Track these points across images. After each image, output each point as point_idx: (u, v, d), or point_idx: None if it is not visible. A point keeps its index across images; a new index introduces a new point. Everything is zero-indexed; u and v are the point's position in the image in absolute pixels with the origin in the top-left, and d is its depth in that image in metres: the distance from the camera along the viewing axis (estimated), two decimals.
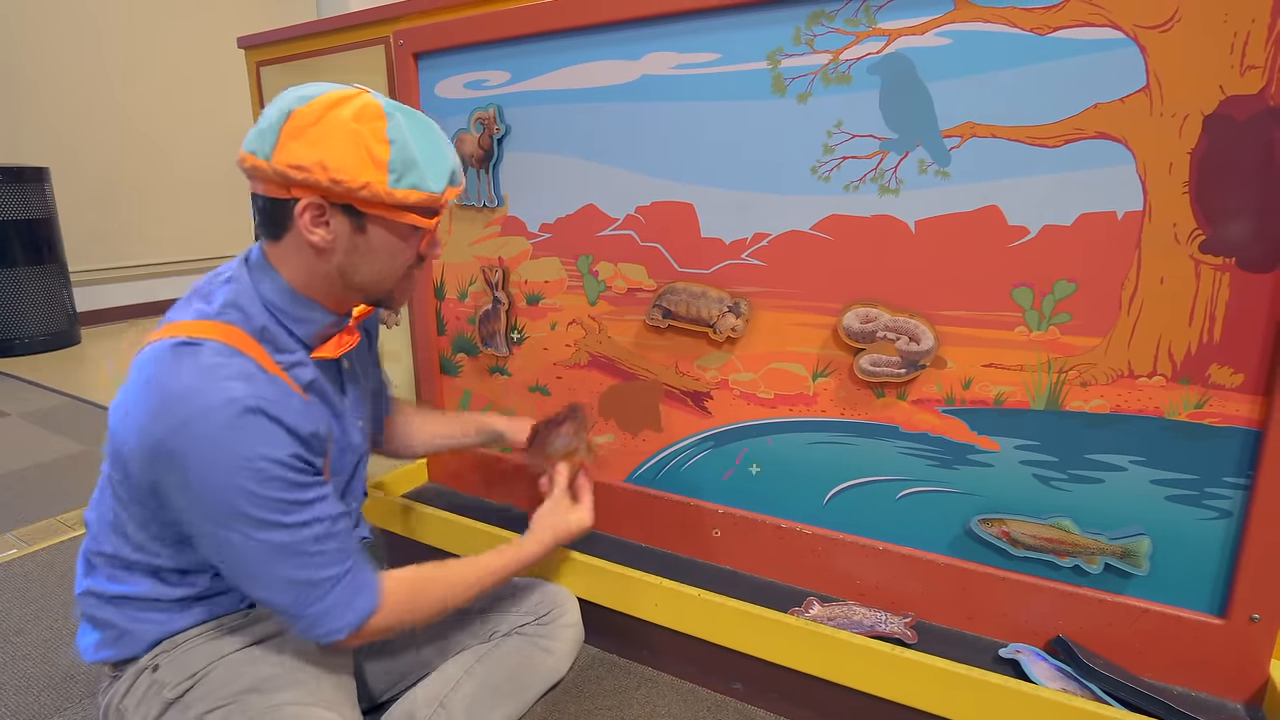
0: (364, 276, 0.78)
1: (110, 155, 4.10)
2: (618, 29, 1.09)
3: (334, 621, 0.75)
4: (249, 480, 0.68)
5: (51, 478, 2.01)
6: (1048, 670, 0.90)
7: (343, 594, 0.75)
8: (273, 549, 0.71)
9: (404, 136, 0.72)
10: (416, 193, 0.73)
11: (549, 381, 1.32)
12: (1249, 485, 0.83)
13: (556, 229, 1.24)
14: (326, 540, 0.74)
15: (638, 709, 1.09)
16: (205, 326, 0.72)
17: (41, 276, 3.42)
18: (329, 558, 0.74)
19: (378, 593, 0.78)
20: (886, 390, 1.01)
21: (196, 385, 0.68)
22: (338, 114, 0.71)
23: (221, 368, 0.69)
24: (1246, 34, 0.75)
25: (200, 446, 0.67)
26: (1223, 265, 0.80)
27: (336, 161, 0.70)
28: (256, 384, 0.70)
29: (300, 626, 0.75)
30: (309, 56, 1.53)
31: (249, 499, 0.68)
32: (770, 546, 1.14)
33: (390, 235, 0.76)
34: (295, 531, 0.71)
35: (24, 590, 1.43)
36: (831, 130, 0.97)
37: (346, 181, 0.70)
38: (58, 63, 3.83)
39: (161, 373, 0.69)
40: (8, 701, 1.12)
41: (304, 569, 0.72)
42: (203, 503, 0.69)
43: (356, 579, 0.76)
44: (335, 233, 0.74)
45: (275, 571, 0.72)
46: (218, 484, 0.68)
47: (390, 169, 0.71)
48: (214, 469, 0.67)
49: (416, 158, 0.73)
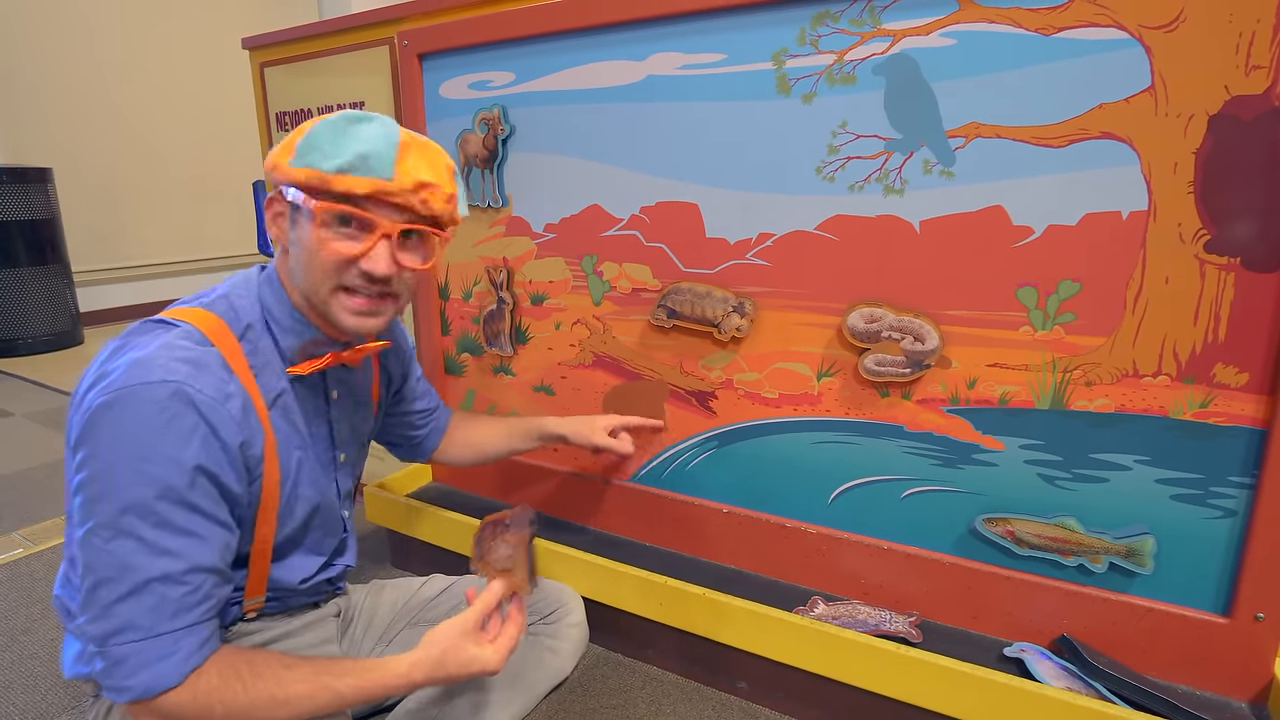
0: (303, 279, 0.76)
1: (113, 156, 4.10)
2: (622, 29, 1.09)
3: (127, 677, 0.64)
4: (140, 473, 0.63)
5: (56, 477, 2.01)
6: (1052, 669, 0.91)
7: (150, 652, 0.64)
8: (115, 561, 0.63)
9: (334, 126, 0.72)
10: (306, 170, 0.71)
11: (553, 381, 1.32)
12: (1254, 484, 0.83)
13: (561, 229, 1.24)
14: (172, 584, 0.65)
15: (642, 708, 1.09)
16: (190, 312, 0.74)
17: (44, 277, 3.42)
18: (160, 604, 0.64)
19: (182, 673, 0.65)
20: (891, 390, 1.01)
21: (145, 358, 0.66)
22: (317, 118, 0.74)
23: (178, 349, 0.68)
24: (1251, 34, 0.75)
25: (116, 416, 0.64)
26: (1227, 265, 0.81)
27: (272, 153, 0.74)
28: (202, 373, 0.68)
29: (97, 667, 0.65)
30: (313, 57, 1.53)
31: (126, 494, 0.63)
32: (775, 546, 1.14)
33: (305, 224, 0.73)
34: (148, 553, 0.64)
35: (30, 589, 1.44)
36: (836, 130, 0.97)
37: (269, 167, 0.74)
38: (61, 63, 3.83)
39: (126, 346, 0.70)
40: (15, 700, 1.13)
41: (131, 598, 0.63)
42: (87, 474, 0.64)
43: (173, 646, 0.65)
44: (283, 228, 0.76)
45: (104, 589, 0.63)
46: (111, 460, 0.63)
47: (296, 149, 0.72)
48: (118, 444, 0.63)
49: (322, 141, 0.71)
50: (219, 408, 0.68)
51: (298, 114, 1.61)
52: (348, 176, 0.70)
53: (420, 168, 0.73)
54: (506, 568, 0.85)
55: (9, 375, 3.11)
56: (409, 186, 0.72)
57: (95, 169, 4.02)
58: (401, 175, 0.71)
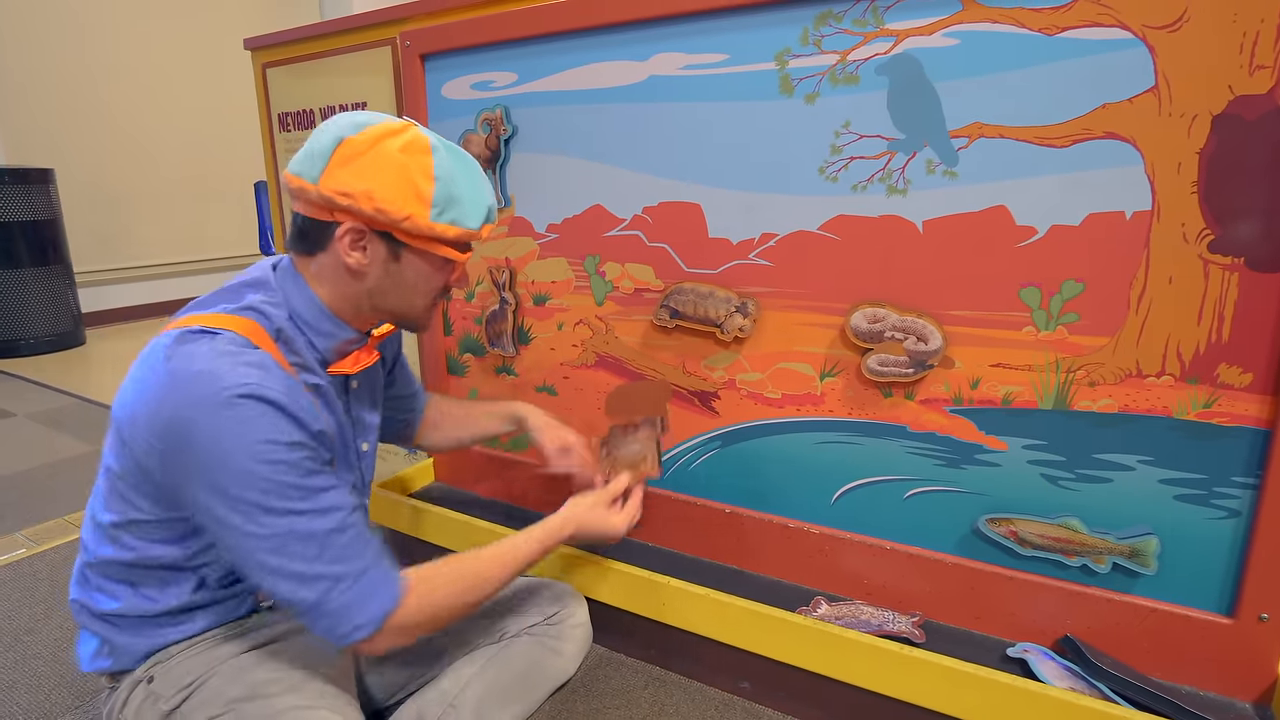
0: (393, 302, 0.81)
1: (115, 156, 4.10)
2: (625, 30, 1.09)
3: (352, 620, 0.72)
4: (260, 465, 0.67)
5: (58, 477, 2.02)
6: (1056, 669, 0.91)
7: (361, 591, 0.72)
8: (286, 538, 0.69)
9: (448, 173, 0.75)
10: (455, 228, 0.76)
11: (556, 382, 1.32)
12: (1258, 485, 0.83)
13: (564, 229, 1.24)
14: (342, 532, 0.72)
15: (645, 708, 1.09)
16: (224, 319, 0.74)
17: (47, 277, 3.43)
18: (346, 550, 0.72)
19: (399, 590, 0.75)
20: (894, 390, 1.01)
21: (210, 369, 0.68)
22: (387, 146, 0.74)
23: (237, 355, 0.70)
24: (1256, 34, 0.75)
25: (212, 429, 0.66)
26: (1231, 265, 0.81)
27: (383, 192, 0.73)
28: (270, 374, 0.70)
29: (321, 625, 0.72)
30: (316, 58, 1.54)
31: (261, 484, 0.68)
32: (778, 546, 1.14)
33: (424, 265, 0.79)
34: (310, 520, 0.70)
35: (33, 589, 1.44)
36: (839, 131, 0.97)
37: (391, 212, 0.73)
38: (63, 64, 3.83)
39: (176, 355, 0.69)
40: (19, 700, 1.13)
41: (320, 560, 0.70)
42: (215, 489, 0.68)
43: (376, 574, 0.74)
44: (371, 258, 0.77)
45: (291, 563, 0.70)
46: (231, 468, 0.67)
47: (433, 204, 0.74)
48: (226, 453, 0.67)
49: (458, 195, 0.76)
50: (295, 400, 0.71)
51: (300, 114, 1.61)
52: (485, 226, 0.80)
53: None
54: (636, 461, 1.06)
55: (11, 376, 3.12)
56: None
57: (97, 170, 4.03)
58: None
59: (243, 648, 0.81)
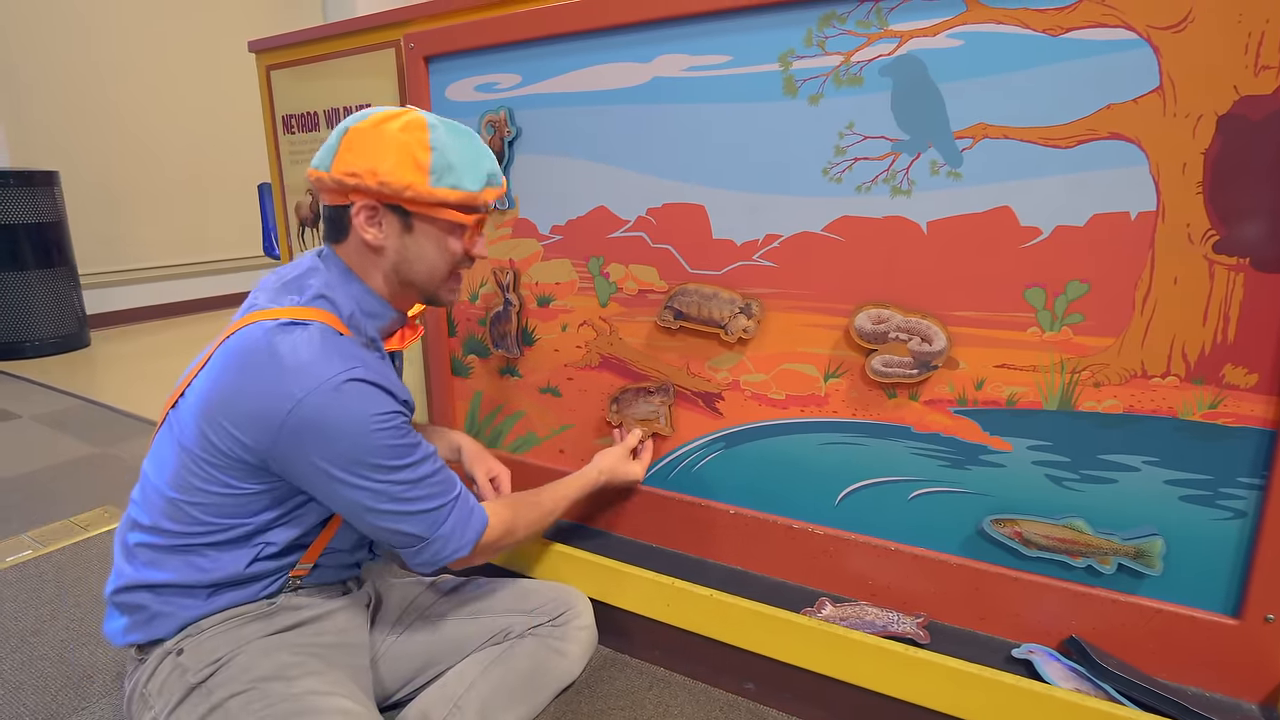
0: (415, 272, 0.88)
1: (120, 159, 4.12)
2: (628, 31, 1.10)
3: (458, 540, 0.86)
4: (374, 435, 0.78)
5: (64, 479, 2.02)
6: (1061, 670, 0.90)
7: (460, 515, 0.87)
8: (404, 487, 0.81)
9: (444, 144, 0.82)
10: (455, 191, 0.83)
11: (560, 383, 1.32)
12: (1263, 485, 0.83)
13: (567, 231, 1.25)
14: (438, 474, 0.85)
15: (650, 709, 1.09)
16: (305, 311, 0.81)
17: (51, 279, 3.44)
18: (443, 486, 0.85)
19: (485, 513, 0.90)
20: (898, 391, 1.01)
21: (313, 358, 0.77)
22: (387, 127, 0.82)
23: (331, 342, 0.79)
24: (1261, 34, 0.75)
25: (330, 411, 0.76)
26: (1236, 265, 0.80)
27: (385, 167, 0.80)
28: (363, 359, 0.80)
29: (429, 552, 0.85)
30: (320, 60, 1.54)
31: (378, 450, 0.78)
32: (782, 547, 1.14)
33: (435, 230, 0.86)
34: (417, 468, 0.82)
35: (39, 591, 1.44)
36: (843, 132, 0.97)
37: (394, 184, 0.81)
38: (68, 67, 3.85)
39: (278, 346, 0.77)
40: (26, 701, 1.13)
41: (428, 499, 0.83)
42: (338, 460, 0.77)
43: (467, 502, 0.88)
44: (387, 231, 0.85)
45: (407, 506, 0.82)
46: (350, 442, 0.77)
47: (431, 171, 0.81)
48: (344, 431, 0.77)
49: (454, 162, 0.82)
50: (386, 376, 0.82)
51: (304, 117, 1.62)
52: (489, 190, 0.86)
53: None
54: (649, 418, 1.22)
55: (16, 378, 3.13)
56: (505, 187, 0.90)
57: (102, 172, 4.04)
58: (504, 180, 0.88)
59: (270, 629, 0.84)
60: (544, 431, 1.37)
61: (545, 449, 1.37)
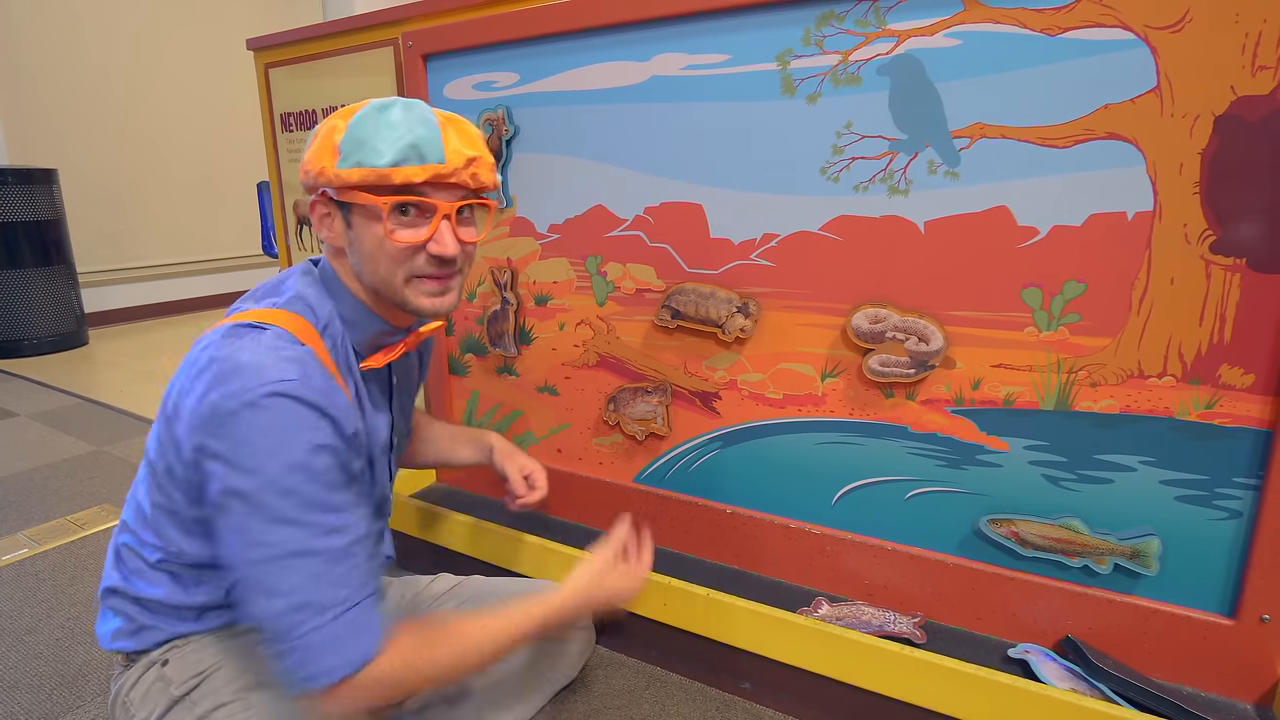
0: (371, 274, 0.76)
1: (118, 157, 4.11)
2: (627, 30, 1.09)
3: (329, 658, 0.65)
4: (287, 466, 0.65)
5: (61, 477, 2.02)
6: (1057, 670, 0.90)
7: (346, 628, 0.65)
8: (286, 551, 0.65)
9: (367, 118, 0.71)
10: (360, 169, 0.70)
11: (557, 382, 1.32)
12: (1259, 486, 0.83)
13: (565, 230, 1.25)
14: (345, 559, 0.67)
15: (646, 708, 1.09)
16: (273, 314, 0.74)
17: (50, 278, 3.43)
18: (342, 579, 0.66)
19: (380, 639, 0.68)
20: (895, 390, 1.01)
21: (256, 361, 0.67)
22: (336, 116, 0.74)
23: (282, 350, 0.69)
24: (1258, 34, 0.75)
25: (246, 425, 0.64)
26: (1233, 266, 0.80)
27: (309, 156, 0.74)
28: (311, 373, 0.69)
29: (290, 660, 0.65)
30: (318, 58, 1.54)
31: (281, 488, 0.65)
32: (779, 546, 1.14)
33: (366, 221, 0.74)
34: (315, 536, 0.66)
35: (35, 589, 1.44)
36: (841, 131, 0.97)
37: (311, 172, 0.73)
38: (66, 64, 3.84)
39: (224, 347, 0.69)
40: (21, 700, 1.13)
41: (312, 582, 0.65)
42: (236, 478, 0.65)
43: (364, 616, 0.67)
44: (336, 229, 0.76)
45: (280, 577, 0.64)
46: (256, 467, 0.64)
47: (340, 150, 0.71)
48: (254, 452, 0.65)
49: (366, 136, 0.70)
50: (334, 400, 0.70)
51: (302, 115, 1.62)
52: (405, 167, 0.70)
53: (464, 143, 0.74)
54: (647, 418, 1.20)
55: (14, 376, 3.12)
56: (460, 164, 0.73)
57: (100, 170, 4.04)
58: (451, 155, 0.72)
59: (257, 640, 0.81)
60: (541, 431, 1.37)
61: (543, 448, 1.37)
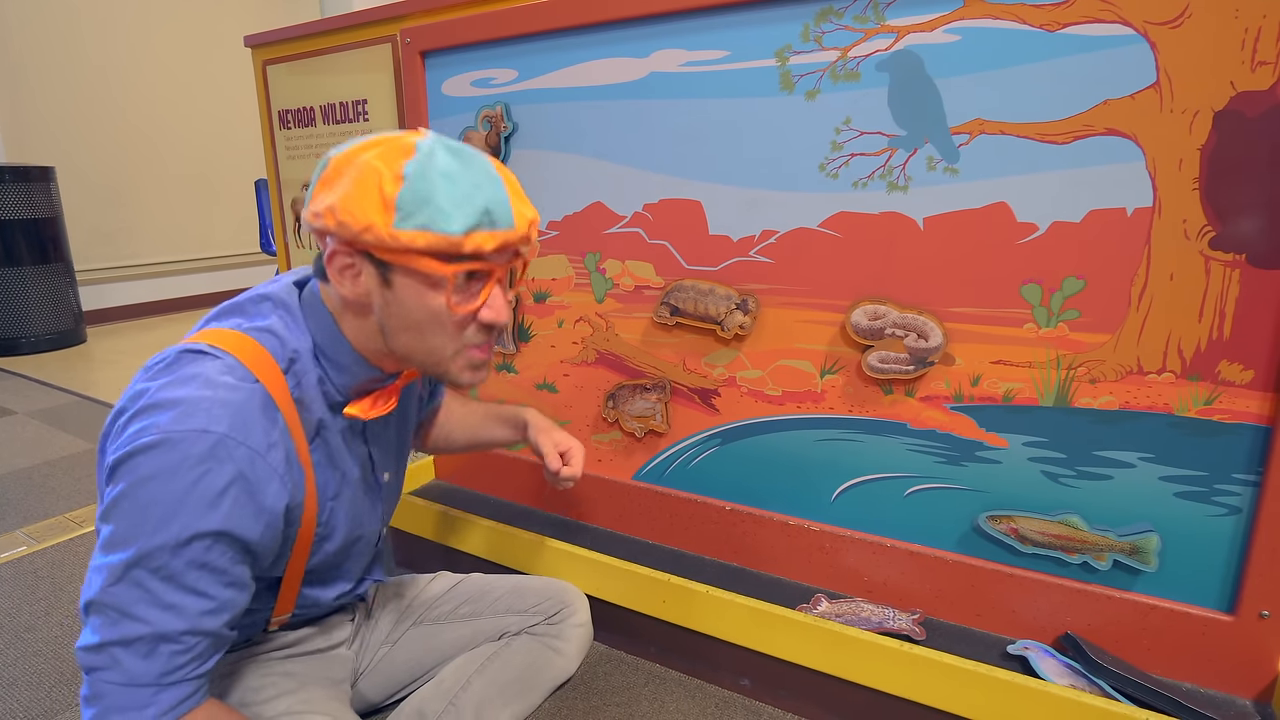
0: (404, 342, 0.69)
1: (115, 154, 4.11)
2: (625, 26, 1.09)
3: (105, 714, 0.60)
4: (164, 523, 0.59)
5: (59, 475, 2.02)
6: (1056, 666, 0.91)
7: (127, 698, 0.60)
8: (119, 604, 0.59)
9: (423, 171, 0.62)
10: (426, 234, 0.62)
11: (556, 379, 1.32)
12: (1258, 482, 0.83)
13: (564, 226, 1.24)
14: (166, 642, 0.60)
15: (646, 705, 1.09)
16: (231, 338, 0.67)
17: (47, 275, 3.43)
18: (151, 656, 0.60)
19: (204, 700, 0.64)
20: (894, 387, 1.01)
21: (190, 399, 0.61)
22: (366, 153, 0.64)
23: (224, 388, 0.63)
24: (1258, 30, 0.75)
25: (152, 459, 0.59)
26: (1232, 261, 0.80)
27: (345, 203, 0.63)
28: (248, 423, 0.63)
29: (84, 689, 0.61)
30: (316, 55, 1.54)
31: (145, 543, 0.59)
32: (778, 543, 1.14)
33: (418, 287, 0.65)
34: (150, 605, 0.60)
35: (34, 587, 1.44)
36: (840, 127, 0.97)
37: (350, 224, 0.62)
38: (63, 62, 3.83)
39: (164, 373, 0.64)
40: (20, 697, 1.13)
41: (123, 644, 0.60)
42: (115, 509, 0.60)
43: (153, 697, 0.61)
44: (367, 286, 0.67)
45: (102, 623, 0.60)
46: (138, 505, 0.59)
47: (398, 207, 0.62)
48: (147, 489, 0.59)
49: (430, 194, 0.62)
50: (261, 461, 0.63)
51: (300, 112, 1.61)
52: (478, 234, 0.63)
53: (523, 202, 0.68)
54: (645, 415, 1.21)
55: (11, 374, 3.12)
56: (525, 230, 0.67)
57: (98, 168, 4.03)
58: (519, 220, 0.66)
59: (240, 656, 0.81)
60: None
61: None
